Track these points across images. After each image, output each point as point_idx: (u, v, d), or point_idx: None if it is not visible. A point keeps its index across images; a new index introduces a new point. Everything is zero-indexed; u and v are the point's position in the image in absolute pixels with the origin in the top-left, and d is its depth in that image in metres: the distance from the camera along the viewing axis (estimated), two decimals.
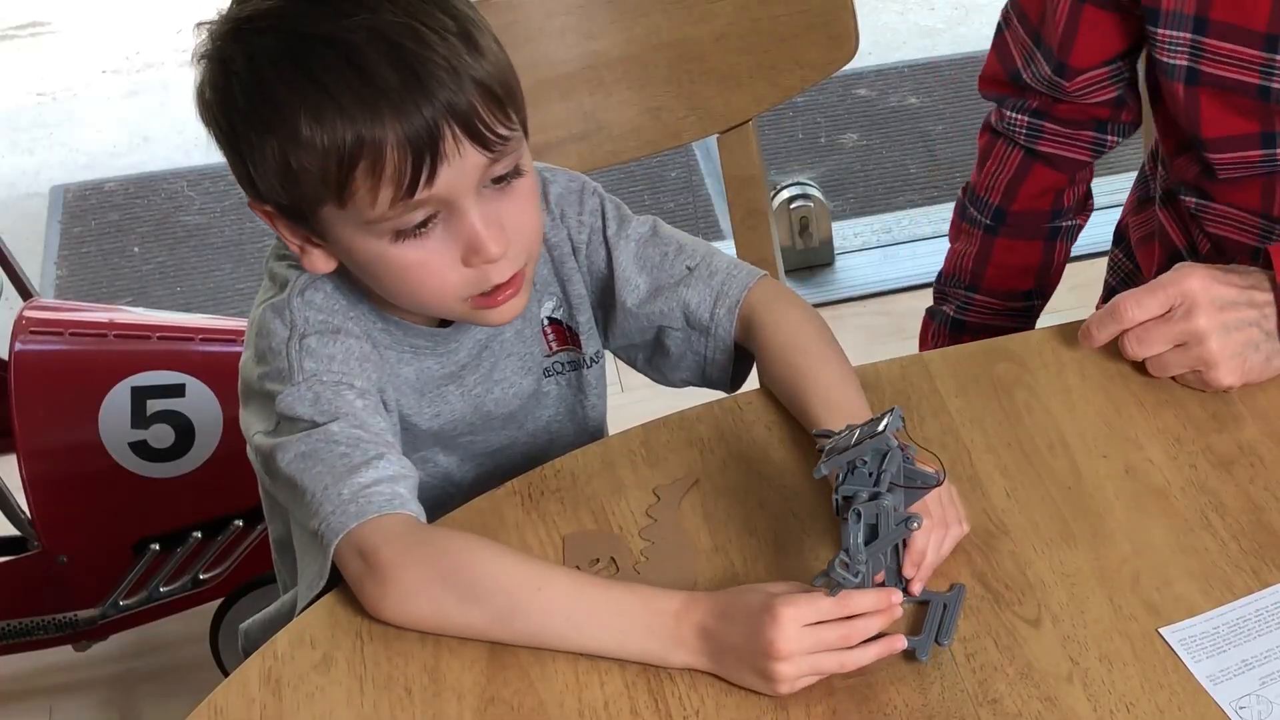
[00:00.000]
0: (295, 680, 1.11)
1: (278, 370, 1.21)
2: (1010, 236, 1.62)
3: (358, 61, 1.10)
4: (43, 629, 2.05)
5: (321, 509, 1.15)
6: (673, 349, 1.35)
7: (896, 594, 1.08)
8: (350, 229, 1.16)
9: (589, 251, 1.34)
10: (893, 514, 1.05)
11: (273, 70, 1.12)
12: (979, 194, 1.63)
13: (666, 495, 1.23)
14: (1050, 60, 1.49)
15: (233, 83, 1.14)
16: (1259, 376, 1.28)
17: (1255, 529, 1.17)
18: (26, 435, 1.93)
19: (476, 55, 1.13)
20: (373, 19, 1.11)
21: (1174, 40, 1.37)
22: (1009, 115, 1.57)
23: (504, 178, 1.16)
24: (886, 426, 1.04)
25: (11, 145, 3.40)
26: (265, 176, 1.16)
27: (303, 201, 1.16)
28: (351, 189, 1.12)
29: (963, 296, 1.66)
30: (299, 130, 1.11)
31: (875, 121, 3.22)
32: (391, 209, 1.13)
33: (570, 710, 1.08)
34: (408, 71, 1.10)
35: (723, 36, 1.67)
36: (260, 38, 1.13)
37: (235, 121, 1.15)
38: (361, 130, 1.10)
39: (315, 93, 1.10)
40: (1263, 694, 1.06)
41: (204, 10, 1.18)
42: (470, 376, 1.31)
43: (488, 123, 1.13)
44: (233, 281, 2.97)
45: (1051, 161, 1.58)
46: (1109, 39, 1.47)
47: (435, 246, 1.16)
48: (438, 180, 1.12)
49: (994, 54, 1.58)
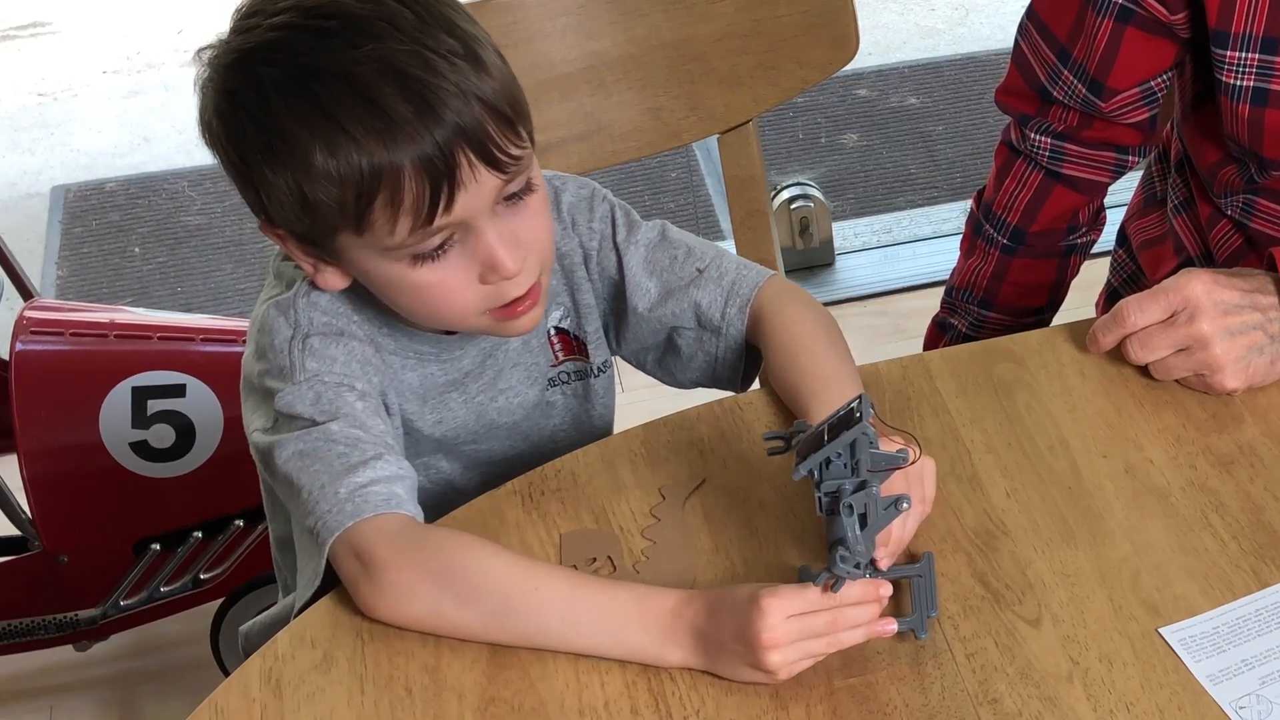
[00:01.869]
0: (296, 680, 1.12)
1: (278, 368, 1.21)
2: (1028, 256, 1.62)
3: (369, 94, 1.10)
4: (43, 629, 2.05)
5: (318, 507, 1.15)
6: (684, 349, 1.36)
7: (886, 586, 1.08)
8: (367, 254, 1.16)
9: (600, 258, 1.34)
10: (879, 499, 1.05)
11: (283, 104, 1.11)
12: (996, 212, 1.62)
13: (671, 495, 1.23)
14: (1084, 79, 1.48)
15: (241, 116, 1.14)
16: (1263, 380, 1.28)
17: (1255, 529, 1.17)
18: (27, 435, 1.93)
19: (484, 75, 1.13)
20: (380, 48, 1.11)
21: (1242, 62, 1.36)
22: (1032, 137, 1.56)
23: (516, 194, 1.17)
24: (862, 415, 1.05)
25: (12, 145, 3.40)
26: (279, 207, 1.16)
27: (319, 230, 1.16)
28: (370, 219, 1.13)
29: (975, 314, 1.66)
30: (314, 164, 1.11)
31: (875, 122, 3.22)
32: (410, 236, 1.13)
33: (570, 710, 1.08)
34: (419, 100, 1.10)
35: (723, 37, 1.67)
36: (267, 69, 1.12)
37: (246, 154, 1.15)
38: (378, 162, 1.10)
39: (329, 127, 1.10)
40: (1263, 694, 1.06)
41: (204, 11, 1.18)
42: (474, 384, 1.31)
43: (500, 144, 1.13)
44: (233, 282, 2.97)
45: (1073, 184, 1.57)
46: (1150, 61, 1.45)
47: (453, 267, 1.17)
48: (456, 205, 1.12)
49: (1014, 66, 1.55)
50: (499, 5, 1.62)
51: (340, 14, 1.12)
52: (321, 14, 1.12)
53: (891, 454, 1.07)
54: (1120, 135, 1.53)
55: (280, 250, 1.28)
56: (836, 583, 1.06)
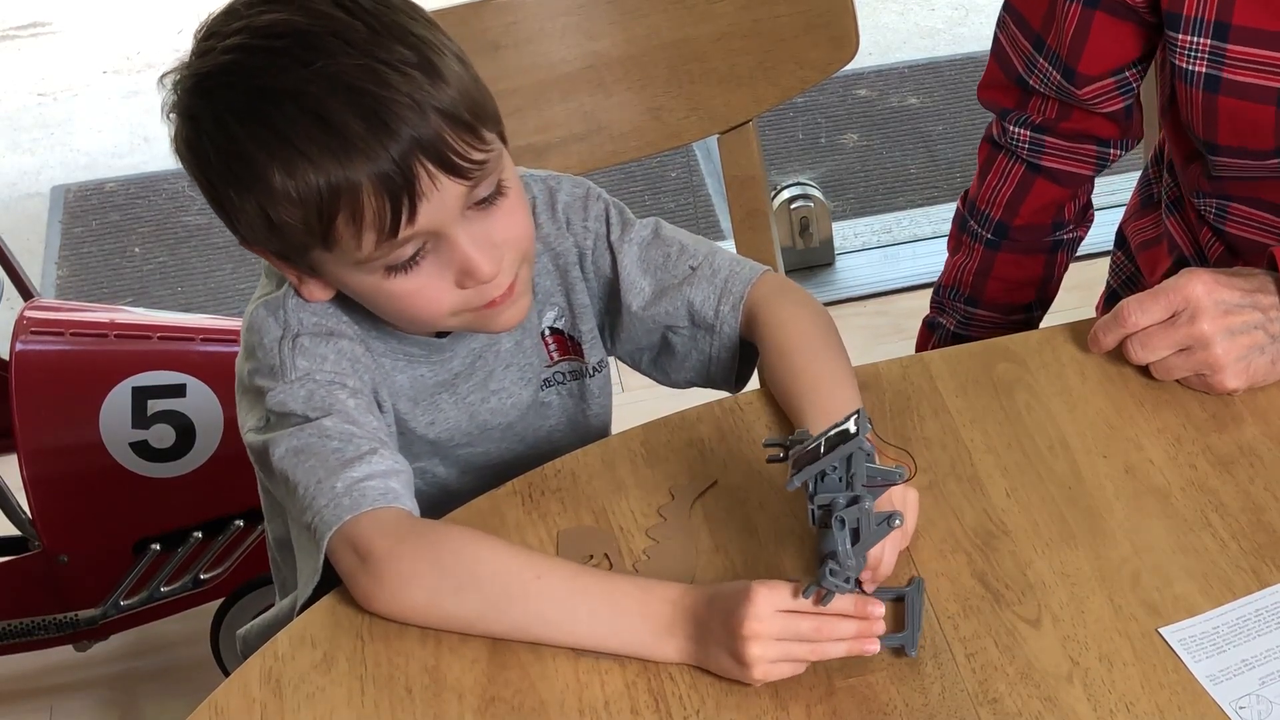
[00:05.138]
0: (296, 680, 1.12)
1: (268, 367, 1.21)
2: (1012, 251, 1.62)
3: (321, 112, 1.10)
4: (43, 629, 2.05)
5: (315, 503, 1.15)
6: (678, 348, 1.36)
7: (879, 606, 1.07)
8: (341, 268, 1.17)
9: (595, 257, 1.34)
10: (872, 515, 1.05)
11: (240, 127, 1.12)
12: (980, 207, 1.62)
13: (680, 495, 1.23)
14: (1058, 66, 1.48)
15: (204, 141, 1.14)
16: (1264, 379, 1.28)
17: (1255, 529, 1.17)
18: (27, 435, 1.93)
19: (439, 83, 1.12)
20: (330, 64, 1.10)
21: (1194, 46, 1.36)
22: (1011, 130, 1.56)
23: (487, 199, 1.16)
24: (859, 430, 1.04)
25: (12, 145, 3.40)
26: (250, 229, 1.17)
27: (290, 249, 1.17)
28: (335, 236, 1.13)
29: (963, 311, 1.66)
30: (274, 186, 1.11)
31: (875, 122, 3.22)
32: (378, 249, 1.13)
33: (571, 710, 1.08)
34: (371, 115, 1.10)
35: (723, 37, 1.67)
36: (224, 93, 1.12)
37: (212, 178, 1.16)
38: (335, 180, 1.10)
39: (284, 148, 1.10)
40: (1263, 694, 1.06)
41: (204, 11, 1.18)
42: (464, 385, 1.31)
43: (460, 151, 1.12)
44: (234, 282, 2.97)
45: (1054, 176, 1.57)
46: (1120, 47, 1.46)
47: (428, 275, 1.16)
48: (419, 216, 1.12)
49: (993, 59, 1.56)
50: (499, 5, 1.62)
51: (290, 32, 1.12)
52: (272, 33, 1.12)
53: (889, 470, 1.07)
54: (1098, 127, 1.53)
55: None
56: (825, 596, 1.05)
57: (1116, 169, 2.58)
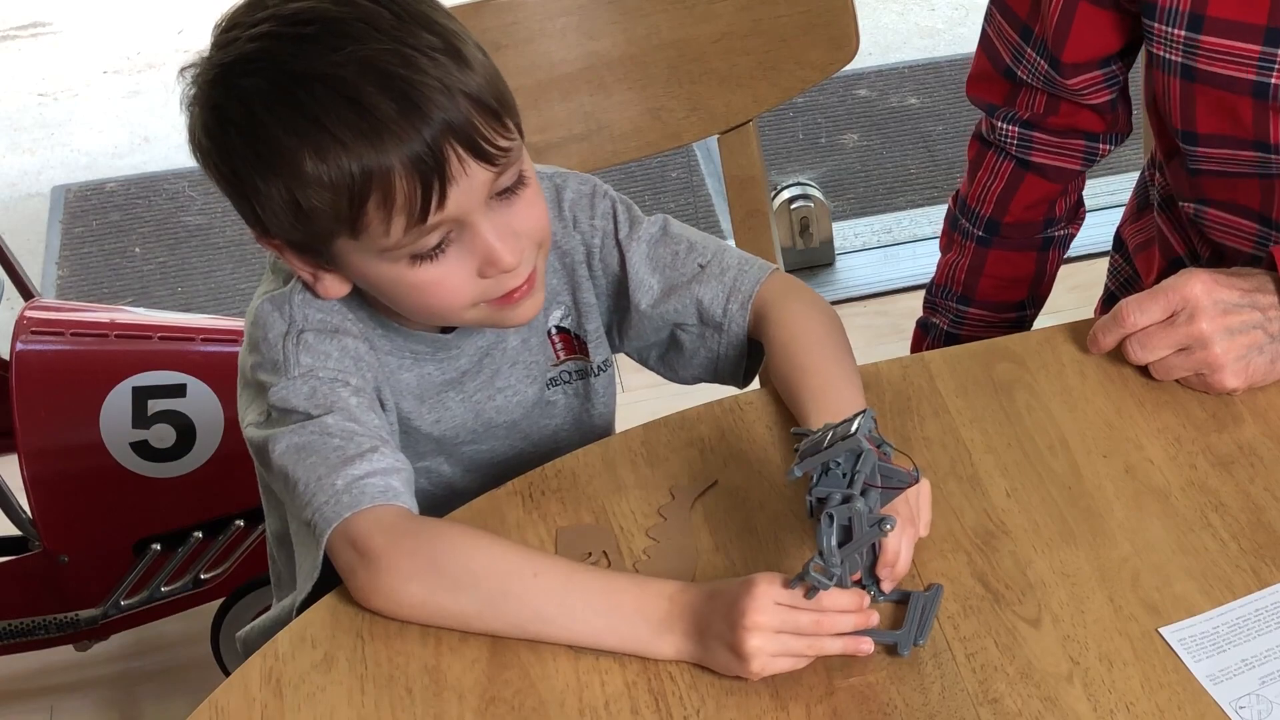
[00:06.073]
0: (296, 680, 1.12)
1: (271, 361, 1.21)
2: (1003, 248, 1.62)
3: (353, 95, 1.10)
4: (44, 629, 2.05)
5: (315, 499, 1.15)
6: (686, 346, 1.36)
7: (866, 598, 1.08)
8: (366, 257, 1.17)
9: (602, 255, 1.34)
10: (866, 516, 1.05)
11: (268, 113, 1.12)
12: (970, 205, 1.62)
13: (681, 495, 1.23)
14: (1045, 55, 1.48)
15: (229, 129, 1.14)
16: (1263, 379, 1.28)
17: (1255, 529, 1.17)
18: (28, 435, 1.93)
19: (466, 70, 1.13)
20: (360, 49, 1.11)
21: (1169, 36, 1.37)
22: (999, 126, 1.56)
23: (509, 189, 1.17)
24: (858, 429, 1.04)
25: (13, 145, 3.40)
26: (274, 217, 1.16)
27: (315, 238, 1.16)
28: (364, 222, 1.13)
29: (955, 310, 1.66)
30: (304, 170, 1.11)
31: (875, 122, 3.22)
32: (406, 235, 1.13)
33: (571, 710, 1.08)
34: (403, 98, 1.10)
35: (723, 37, 1.68)
36: (250, 80, 1.12)
37: (237, 167, 1.15)
38: (368, 164, 1.10)
39: (316, 132, 1.10)
40: (1263, 694, 1.06)
41: (204, 11, 1.18)
42: (471, 383, 1.31)
43: (488, 137, 1.13)
44: (234, 281, 2.97)
45: (1043, 171, 1.57)
46: (1103, 36, 1.46)
47: (452, 264, 1.17)
48: (448, 202, 1.12)
49: (981, 52, 1.56)
50: (499, 5, 1.62)
51: (318, 19, 1.12)
52: (299, 20, 1.12)
53: (903, 472, 1.07)
54: (1086, 120, 1.53)
55: None
56: (810, 591, 1.05)
57: (1116, 169, 2.59)
